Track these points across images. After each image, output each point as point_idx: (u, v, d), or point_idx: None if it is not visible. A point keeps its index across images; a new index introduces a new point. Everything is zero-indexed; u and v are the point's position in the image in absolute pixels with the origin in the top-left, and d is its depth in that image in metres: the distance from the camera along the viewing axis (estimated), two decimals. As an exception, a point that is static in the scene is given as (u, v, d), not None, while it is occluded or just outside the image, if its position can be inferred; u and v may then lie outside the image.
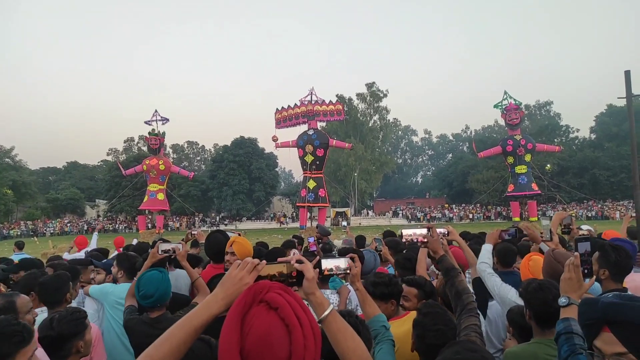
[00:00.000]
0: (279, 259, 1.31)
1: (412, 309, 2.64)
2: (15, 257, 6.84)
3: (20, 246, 8.33)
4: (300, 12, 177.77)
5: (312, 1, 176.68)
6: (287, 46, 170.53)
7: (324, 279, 2.28)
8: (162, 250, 3.11)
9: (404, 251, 3.95)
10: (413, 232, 2.73)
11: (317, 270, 1.74)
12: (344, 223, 12.12)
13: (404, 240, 2.79)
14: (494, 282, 3.08)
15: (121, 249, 7.31)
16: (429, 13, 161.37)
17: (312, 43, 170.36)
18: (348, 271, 1.82)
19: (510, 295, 2.94)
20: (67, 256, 7.25)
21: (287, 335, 1.01)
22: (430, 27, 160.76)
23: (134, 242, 8.19)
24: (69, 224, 50.51)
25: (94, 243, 8.90)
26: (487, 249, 3.34)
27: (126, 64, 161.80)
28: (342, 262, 1.80)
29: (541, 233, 3.60)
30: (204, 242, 4.24)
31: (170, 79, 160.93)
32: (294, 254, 4.91)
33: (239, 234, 4.81)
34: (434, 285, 3.02)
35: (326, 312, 1.30)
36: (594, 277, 1.96)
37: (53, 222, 51.91)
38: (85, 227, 49.39)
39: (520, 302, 2.77)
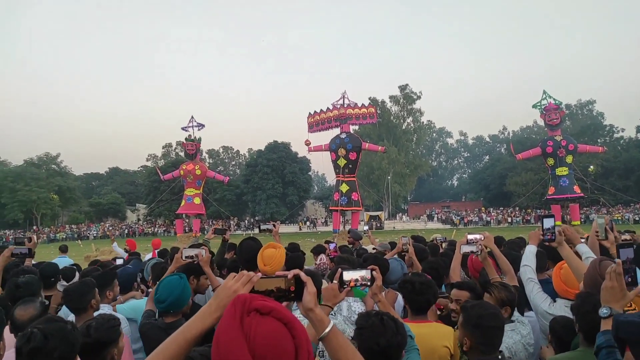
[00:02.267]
0: (277, 273, 1.29)
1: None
2: (59, 260, 7.15)
3: (63, 250, 8.69)
4: (331, 15, 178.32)
5: (344, 5, 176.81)
6: (319, 50, 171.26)
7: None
8: (185, 256, 3.13)
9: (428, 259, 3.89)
10: (469, 250, 3.25)
11: (338, 282, 1.74)
12: (365, 227, 11.98)
13: (462, 252, 3.26)
14: (532, 288, 2.99)
15: (156, 251, 7.50)
16: (463, 12, 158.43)
17: (344, 46, 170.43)
18: (369, 283, 1.81)
19: (543, 305, 2.84)
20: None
21: (288, 331, 1.03)
22: (465, 26, 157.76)
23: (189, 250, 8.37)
24: (110, 228, 52.32)
25: (118, 251, 9.14)
26: (531, 251, 3.20)
27: (164, 72, 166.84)
28: (364, 273, 1.78)
29: (596, 232, 3.45)
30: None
31: (206, 86, 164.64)
32: (320, 259, 4.88)
33: (274, 225, 4.88)
34: None
35: (327, 330, 1.27)
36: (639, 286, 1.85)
37: (96, 225, 53.93)
38: (126, 231, 51.08)
39: (552, 313, 2.70)
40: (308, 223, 51.73)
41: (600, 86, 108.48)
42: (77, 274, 4.78)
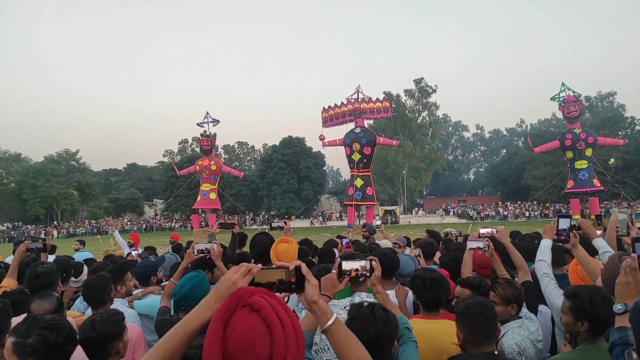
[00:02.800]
0: (277, 264, 1.29)
1: None
2: (79, 255, 7.29)
3: (82, 243, 8.85)
4: (344, 9, 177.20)
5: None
6: (333, 44, 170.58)
7: (355, 280, 2.26)
8: (197, 251, 3.13)
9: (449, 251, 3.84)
10: (476, 246, 3.23)
11: (337, 271, 1.73)
12: (379, 222, 11.84)
13: (468, 248, 3.22)
14: (547, 283, 2.95)
15: (171, 246, 7.57)
16: (480, 4, 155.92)
17: (357, 40, 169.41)
18: (368, 274, 1.80)
19: (559, 301, 2.76)
20: (132, 253, 7.57)
21: (268, 334, 1.01)
22: (482, 18, 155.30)
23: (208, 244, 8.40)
24: (129, 223, 53.19)
25: (120, 242, 9.06)
26: (546, 245, 3.16)
27: (179, 68, 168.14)
28: (364, 263, 1.78)
29: (617, 227, 3.40)
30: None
31: (220, 81, 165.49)
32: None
33: (285, 222, 4.89)
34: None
35: (330, 322, 1.26)
36: None
37: (115, 220, 54.80)
38: (144, 226, 51.85)
39: None
40: (321, 218, 51.76)
41: (621, 77, 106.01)
42: (85, 269, 4.84)
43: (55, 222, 53.39)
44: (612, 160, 43.77)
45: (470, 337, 2.01)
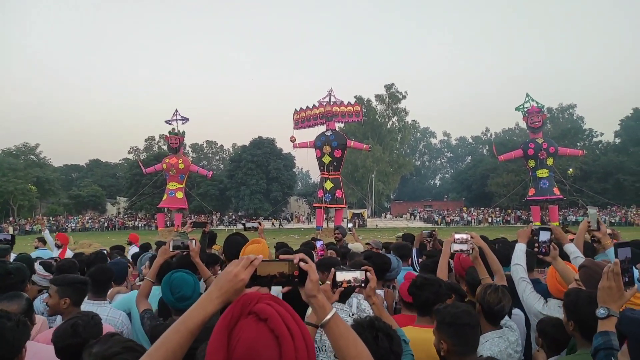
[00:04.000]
0: (281, 257, 1.23)
1: None
2: (39, 253, 6.95)
3: (42, 241, 8.44)
4: (318, 12, 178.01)
5: (330, 1, 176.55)
6: (306, 47, 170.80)
7: (345, 293, 2.17)
8: (174, 247, 2.98)
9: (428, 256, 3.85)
10: (459, 248, 3.06)
11: (331, 282, 1.68)
12: (349, 225, 12.06)
13: (452, 251, 3.01)
14: (525, 287, 2.96)
15: (139, 245, 7.33)
16: (449, 14, 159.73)
17: (331, 44, 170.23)
18: (363, 285, 1.76)
19: (537, 306, 2.81)
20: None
21: (277, 346, 0.95)
22: (450, 29, 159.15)
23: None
24: (90, 221, 51.48)
25: (49, 241, 8.61)
26: (521, 249, 3.18)
27: (147, 64, 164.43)
28: (358, 274, 1.73)
29: (588, 223, 3.45)
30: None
31: (191, 79, 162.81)
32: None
33: (259, 223, 4.80)
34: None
35: (328, 316, 1.22)
36: (636, 285, 1.85)
37: (75, 218, 52.96)
38: (106, 224, 50.30)
39: (546, 314, 2.66)
40: (280, 220, 51.89)
41: (581, 90, 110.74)
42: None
43: (10, 218, 51.04)
44: (570, 170, 45.65)
45: (458, 348, 1.96)
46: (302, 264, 1.23)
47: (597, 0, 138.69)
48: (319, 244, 5.55)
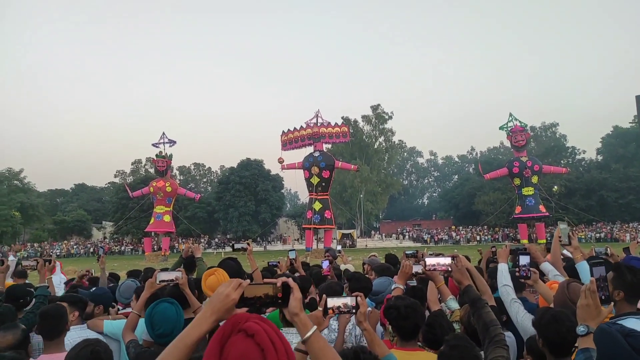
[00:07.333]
0: (265, 280, 1.36)
1: None
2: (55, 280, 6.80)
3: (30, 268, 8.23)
4: (305, 34, 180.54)
5: (317, 21, 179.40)
6: (293, 68, 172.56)
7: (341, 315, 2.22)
8: (160, 280, 2.96)
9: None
10: (437, 262, 2.52)
11: (322, 309, 1.74)
12: (338, 247, 11.81)
13: (427, 269, 2.58)
14: (517, 309, 2.93)
15: (126, 272, 7.23)
16: (435, 35, 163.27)
17: (318, 65, 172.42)
18: (354, 310, 1.82)
19: (530, 327, 2.83)
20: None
21: (262, 358, 1.07)
22: (436, 48, 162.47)
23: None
24: (75, 246, 50.54)
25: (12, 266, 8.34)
26: (505, 269, 3.16)
27: (134, 87, 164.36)
28: (348, 300, 1.79)
29: (560, 237, 3.50)
30: (200, 256, 4.23)
31: (178, 102, 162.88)
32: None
33: (248, 244, 4.81)
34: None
35: (309, 333, 1.32)
36: (612, 303, 1.92)
37: (59, 244, 51.96)
38: (92, 250, 49.43)
39: None
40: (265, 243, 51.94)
41: (562, 109, 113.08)
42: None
43: (-8, 245, 49.91)
44: (555, 187, 46.30)
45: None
46: (291, 283, 1.33)
47: (578, 21, 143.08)
48: (325, 265, 5.73)
